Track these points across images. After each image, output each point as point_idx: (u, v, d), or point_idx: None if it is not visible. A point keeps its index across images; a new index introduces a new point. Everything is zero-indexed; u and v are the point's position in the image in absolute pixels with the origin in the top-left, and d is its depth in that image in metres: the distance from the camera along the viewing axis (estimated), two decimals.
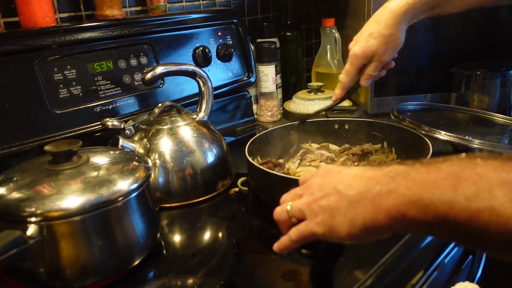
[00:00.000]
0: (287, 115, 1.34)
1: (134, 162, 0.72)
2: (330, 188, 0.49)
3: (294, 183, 0.59)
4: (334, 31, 1.39)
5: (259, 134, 0.95)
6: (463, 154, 0.41)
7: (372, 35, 0.83)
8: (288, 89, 1.44)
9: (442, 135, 0.88)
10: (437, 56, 1.26)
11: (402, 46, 0.89)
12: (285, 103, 1.36)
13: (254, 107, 1.34)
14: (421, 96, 1.27)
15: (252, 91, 1.31)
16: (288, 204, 0.54)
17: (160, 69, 0.87)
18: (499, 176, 0.36)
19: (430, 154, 0.79)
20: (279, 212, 0.55)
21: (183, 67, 0.91)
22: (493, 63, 1.20)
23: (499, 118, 1.08)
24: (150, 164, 0.73)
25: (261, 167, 0.80)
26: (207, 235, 0.77)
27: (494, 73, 1.14)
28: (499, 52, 1.25)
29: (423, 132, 0.90)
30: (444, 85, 1.25)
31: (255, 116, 1.32)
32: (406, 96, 1.27)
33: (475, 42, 1.24)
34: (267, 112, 1.31)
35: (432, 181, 0.39)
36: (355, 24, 1.33)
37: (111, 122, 0.83)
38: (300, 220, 0.52)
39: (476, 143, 0.85)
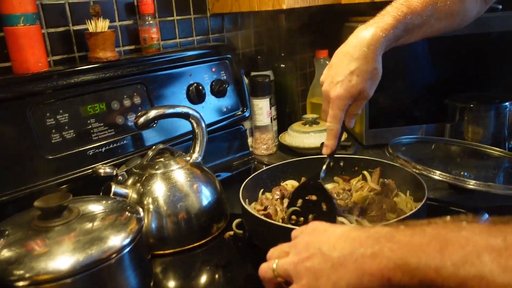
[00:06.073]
0: (282, 147, 1.34)
1: (127, 213, 0.71)
2: (315, 248, 0.49)
3: (288, 232, 0.58)
4: (327, 62, 1.38)
5: (253, 175, 0.94)
6: (448, 217, 0.41)
7: (353, 73, 0.76)
8: (284, 120, 1.44)
9: (437, 175, 0.87)
10: (431, 87, 1.26)
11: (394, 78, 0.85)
12: (281, 135, 1.36)
13: (249, 140, 1.33)
14: (416, 127, 1.27)
15: (247, 124, 1.31)
16: (274, 262, 0.54)
17: (152, 113, 0.87)
18: (486, 240, 0.35)
19: (425, 197, 0.79)
20: (264, 269, 0.55)
21: (176, 110, 0.91)
22: (487, 94, 1.20)
23: (494, 151, 1.08)
24: (142, 214, 0.73)
25: (255, 213, 0.80)
26: (201, 286, 0.76)
27: (488, 105, 1.14)
28: (491, 82, 1.25)
29: (417, 171, 0.89)
30: (438, 116, 1.25)
31: (251, 149, 1.32)
32: (401, 128, 1.27)
33: (467, 72, 1.25)
34: (262, 145, 1.30)
35: (417, 244, 0.39)
36: None
37: (103, 170, 0.83)
38: (285, 280, 0.52)
39: (471, 183, 0.84)
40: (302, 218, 0.80)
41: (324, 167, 0.82)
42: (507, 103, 1.13)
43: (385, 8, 0.80)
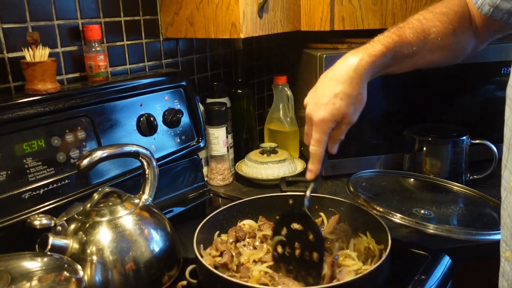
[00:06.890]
0: (239, 176, 1.28)
1: (65, 273, 0.63)
2: None
3: None
4: (286, 89, 1.35)
5: (208, 218, 0.88)
6: None
7: (337, 96, 0.75)
8: (240, 146, 1.39)
9: (398, 219, 0.86)
10: (388, 117, 1.25)
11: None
12: (237, 164, 1.30)
13: (205, 169, 1.27)
14: (375, 157, 1.26)
15: (202, 153, 1.25)
16: None
17: (98, 154, 0.79)
18: None
19: (389, 246, 0.76)
20: None
21: (125, 149, 0.84)
22: (445, 126, 1.20)
23: (452, 185, 1.08)
24: (82, 274, 0.65)
25: (209, 265, 0.74)
26: None
27: (445, 139, 1.14)
28: (446, 113, 1.25)
29: (378, 213, 0.87)
30: (397, 146, 1.24)
31: (206, 179, 1.26)
32: (360, 158, 1.25)
33: (422, 104, 1.25)
34: (218, 175, 1.24)
35: None
36: (307, 81, 1.30)
37: (39, 221, 0.74)
38: None
39: (432, 228, 0.83)
40: (289, 250, 0.78)
41: (308, 193, 0.79)
42: (464, 137, 1.13)
43: (377, 36, 0.81)
